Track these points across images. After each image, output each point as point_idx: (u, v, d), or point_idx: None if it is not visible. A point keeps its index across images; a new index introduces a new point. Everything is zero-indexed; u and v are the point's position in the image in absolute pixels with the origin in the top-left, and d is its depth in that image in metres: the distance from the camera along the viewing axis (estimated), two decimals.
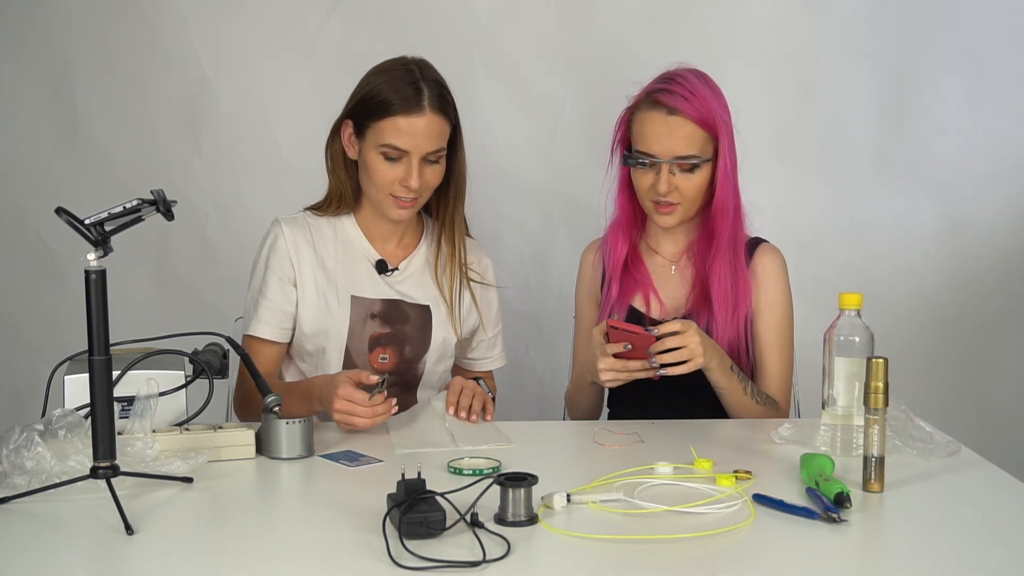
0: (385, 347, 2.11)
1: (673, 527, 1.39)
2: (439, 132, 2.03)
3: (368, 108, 2.02)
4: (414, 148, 2.00)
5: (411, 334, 2.12)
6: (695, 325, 1.90)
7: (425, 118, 2.00)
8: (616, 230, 2.18)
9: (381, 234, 2.15)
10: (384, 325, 2.11)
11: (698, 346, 1.87)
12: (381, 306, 2.11)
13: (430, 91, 2.01)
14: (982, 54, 3.03)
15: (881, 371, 1.55)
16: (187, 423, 1.74)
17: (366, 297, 2.10)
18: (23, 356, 3.11)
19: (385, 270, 2.12)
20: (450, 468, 1.63)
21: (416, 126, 1.99)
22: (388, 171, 2.02)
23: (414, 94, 2.00)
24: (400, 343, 2.12)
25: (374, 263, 2.13)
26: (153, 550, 1.33)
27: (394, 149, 2.00)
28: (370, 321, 2.10)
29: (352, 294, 2.10)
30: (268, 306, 2.08)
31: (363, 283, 2.11)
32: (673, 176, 2.02)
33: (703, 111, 2.01)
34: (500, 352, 2.30)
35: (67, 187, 3.04)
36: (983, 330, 3.12)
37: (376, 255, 2.13)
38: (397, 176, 2.01)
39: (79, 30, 3.04)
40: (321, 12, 3.03)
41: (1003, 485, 1.61)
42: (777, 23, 3.03)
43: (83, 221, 1.42)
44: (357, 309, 2.09)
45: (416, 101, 1.99)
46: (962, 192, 3.08)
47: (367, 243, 2.14)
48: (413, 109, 1.99)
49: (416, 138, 1.99)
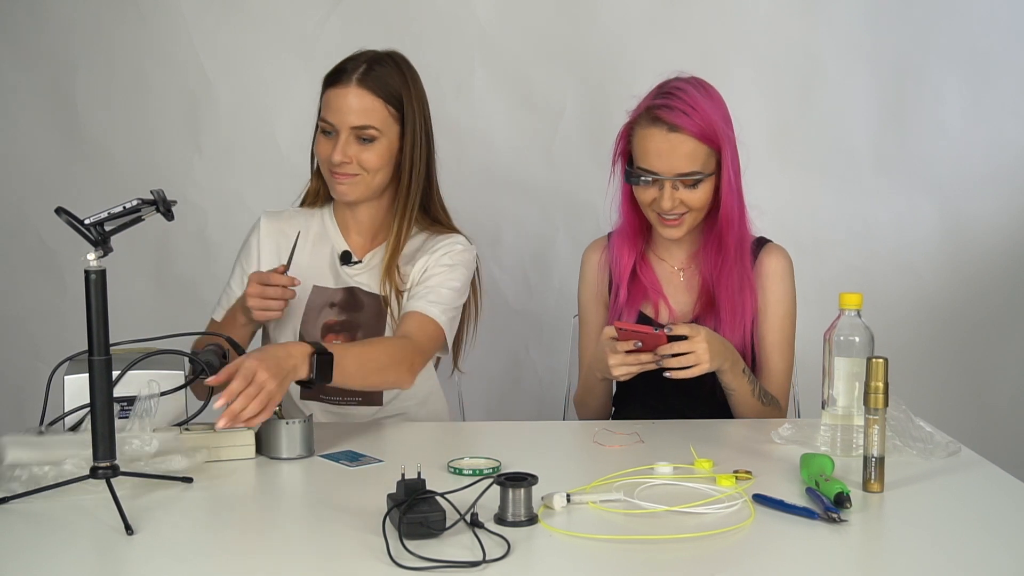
0: (338, 333, 2.13)
1: (673, 527, 1.39)
2: (366, 108, 2.05)
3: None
4: (340, 121, 2.04)
5: (364, 321, 2.14)
6: (705, 330, 1.89)
7: (350, 91, 2.04)
8: (622, 240, 2.17)
9: (353, 227, 2.19)
10: (340, 313, 2.14)
11: (705, 352, 1.86)
12: (341, 295, 2.14)
13: (362, 69, 2.06)
14: (982, 54, 3.03)
15: (881, 371, 1.55)
16: (187, 423, 1.74)
17: (327, 287, 2.15)
18: (23, 356, 3.12)
19: (348, 261, 2.16)
20: (450, 468, 1.63)
21: (341, 98, 2.04)
22: (324, 147, 2.08)
23: (343, 69, 2.07)
24: (352, 329, 2.13)
25: (339, 254, 2.16)
26: (153, 550, 1.33)
27: (325, 122, 2.07)
28: (327, 309, 2.14)
29: (315, 284, 2.14)
30: (228, 294, 2.18)
31: (326, 274, 2.16)
32: (676, 191, 2.02)
33: (704, 126, 1.99)
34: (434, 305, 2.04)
35: (67, 187, 3.04)
36: (983, 330, 3.13)
37: (344, 246, 2.18)
38: (330, 151, 2.06)
39: (79, 30, 3.04)
40: (321, 12, 3.03)
41: (1003, 485, 1.61)
42: (777, 23, 3.03)
43: (83, 221, 1.42)
44: (316, 297, 2.14)
45: (343, 75, 2.06)
46: (962, 192, 3.08)
47: (339, 236, 2.19)
48: (339, 82, 2.05)
49: (341, 111, 2.04)
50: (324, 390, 2.12)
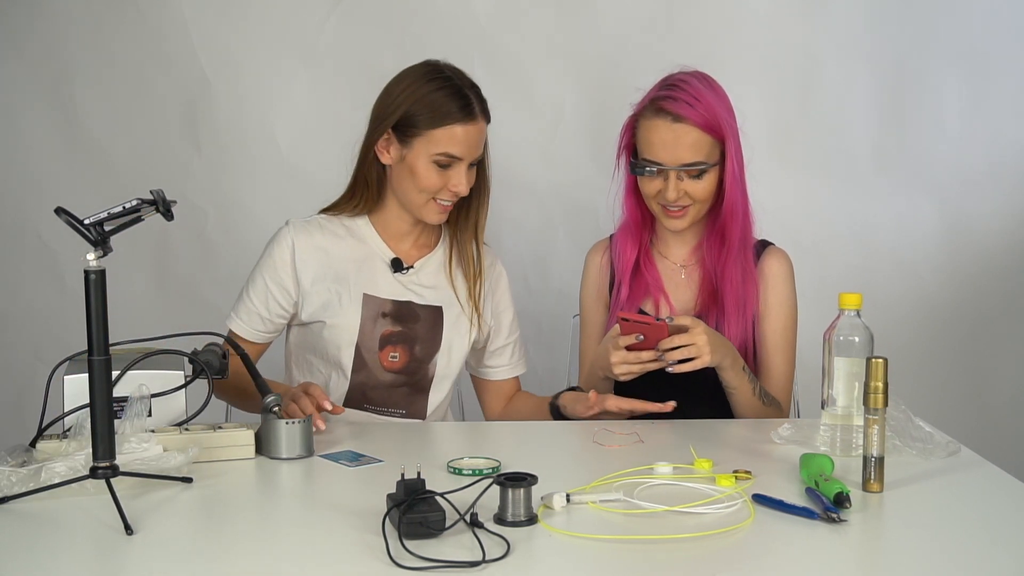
0: (396, 345, 2.12)
1: (673, 527, 1.39)
2: (485, 138, 2.07)
3: (419, 118, 2.02)
4: (467, 155, 2.03)
5: (421, 334, 2.13)
6: (704, 324, 1.90)
7: (478, 126, 2.03)
8: (625, 234, 2.18)
9: (398, 235, 2.16)
10: (395, 324, 2.12)
11: (705, 345, 1.88)
12: (392, 306, 2.12)
13: (477, 98, 2.05)
14: (982, 54, 3.03)
15: (881, 371, 1.55)
16: (187, 423, 1.74)
17: (378, 296, 2.11)
18: (23, 356, 3.11)
19: (400, 268, 2.13)
20: (450, 468, 1.63)
21: (471, 134, 2.02)
22: (438, 178, 2.03)
23: (466, 103, 2.02)
24: (410, 342, 2.12)
25: (389, 261, 2.13)
26: (153, 550, 1.33)
27: (449, 157, 2.02)
28: (381, 320, 2.11)
29: (365, 292, 2.11)
30: (247, 306, 2.12)
31: (377, 282, 2.12)
32: (681, 182, 2.03)
33: (708, 117, 2.00)
34: (520, 359, 2.30)
35: (67, 187, 3.04)
36: (983, 330, 3.13)
37: (391, 254, 2.14)
38: (446, 182, 2.03)
39: (79, 30, 3.04)
40: (321, 12, 3.03)
41: (1003, 485, 1.61)
42: (777, 23, 3.03)
43: (83, 221, 1.42)
44: (369, 307, 2.10)
45: (470, 110, 2.02)
46: (962, 192, 3.08)
47: (382, 242, 2.15)
48: (468, 118, 2.02)
49: (470, 146, 2.03)
50: (368, 398, 2.12)
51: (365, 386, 2.12)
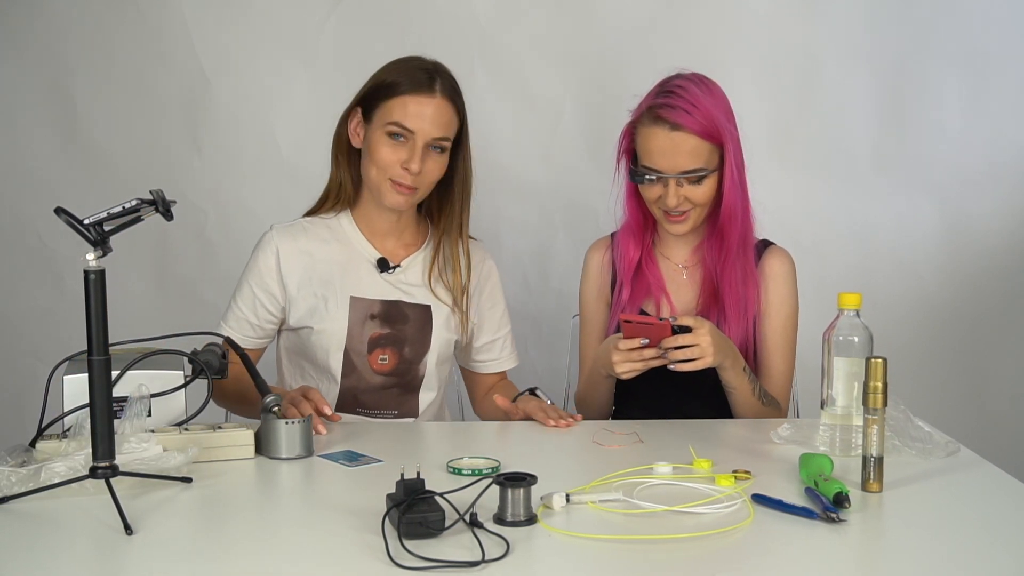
0: (384, 348, 2.11)
1: (672, 527, 1.39)
2: (447, 121, 2.03)
3: (379, 91, 2.03)
4: (419, 130, 2.00)
5: (411, 334, 2.12)
6: (709, 324, 1.90)
7: (435, 101, 2.01)
8: (627, 235, 2.18)
9: (380, 231, 2.14)
10: (384, 326, 2.10)
11: (709, 346, 1.87)
12: (380, 307, 2.11)
13: (443, 80, 2.04)
14: (982, 54, 3.03)
15: (880, 371, 1.55)
16: (186, 423, 1.74)
17: (365, 297, 2.10)
18: (23, 356, 3.12)
19: (387, 268, 2.12)
20: (449, 468, 1.63)
21: (425, 107, 2.00)
22: (391, 152, 2.01)
23: (427, 77, 2.02)
24: (399, 344, 2.12)
25: (375, 262, 2.12)
26: (153, 550, 1.33)
27: (400, 127, 2.00)
28: (369, 322, 2.10)
29: (351, 295, 2.10)
30: (236, 313, 2.12)
31: (363, 284, 2.11)
32: (681, 188, 2.02)
33: (706, 123, 2.00)
34: (510, 353, 2.29)
35: (67, 187, 3.04)
36: (983, 330, 3.13)
37: (376, 254, 2.13)
38: (400, 158, 2.01)
39: (79, 30, 3.04)
40: (321, 12, 3.03)
41: (1002, 485, 1.61)
42: (777, 23, 3.03)
43: (82, 221, 1.42)
44: (356, 310, 2.09)
45: (428, 84, 2.01)
46: (962, 192, 3.08)
47: (366, 242, 2.13)
48: (424, 90, 2.01)
49: (423, 120, 2.00)
50: (359, 402, 2.12)
51: (356, 390, 2.11)
